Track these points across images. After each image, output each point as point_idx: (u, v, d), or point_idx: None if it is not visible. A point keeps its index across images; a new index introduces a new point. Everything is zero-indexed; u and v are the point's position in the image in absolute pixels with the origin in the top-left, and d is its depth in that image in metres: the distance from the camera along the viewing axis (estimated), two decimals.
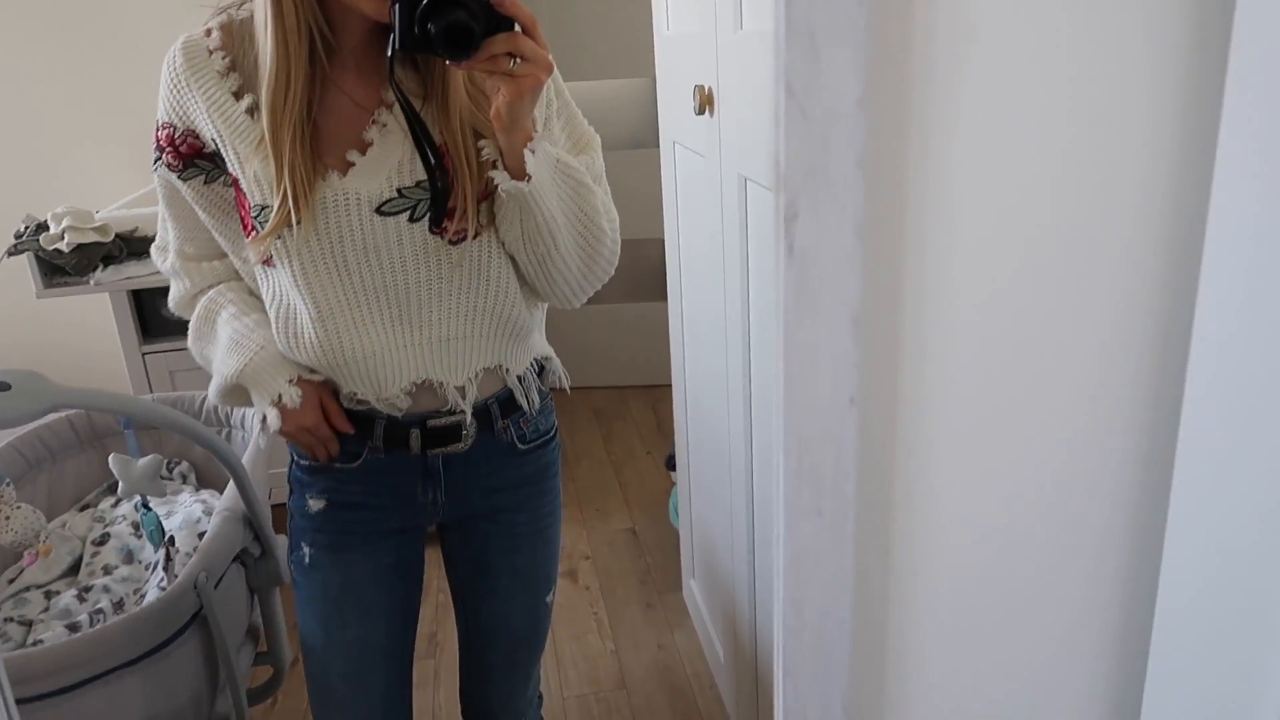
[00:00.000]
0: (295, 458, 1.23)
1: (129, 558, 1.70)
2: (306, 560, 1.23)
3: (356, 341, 1.10)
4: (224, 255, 1.18)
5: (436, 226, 1.06)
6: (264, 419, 1.13)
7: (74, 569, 1.70)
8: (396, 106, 1.04)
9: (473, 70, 0.97)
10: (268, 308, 1.15)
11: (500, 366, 1.17)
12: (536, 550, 1.30)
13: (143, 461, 1.40)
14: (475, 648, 1.37)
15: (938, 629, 0.72)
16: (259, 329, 1.15)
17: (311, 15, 0.99)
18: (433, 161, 1.04)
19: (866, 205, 0.60)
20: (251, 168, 1.04)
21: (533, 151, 1.01)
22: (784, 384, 0.63)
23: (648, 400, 3.72)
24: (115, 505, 1.83)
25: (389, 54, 0.97)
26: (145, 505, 1.44)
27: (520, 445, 1.23)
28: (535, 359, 1.24)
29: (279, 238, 1.05)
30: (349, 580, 1.22)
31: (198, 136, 1.07)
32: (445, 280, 1.09)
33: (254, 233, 1.06)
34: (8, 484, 1.31)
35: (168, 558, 1.50)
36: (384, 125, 1.05)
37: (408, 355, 1.11)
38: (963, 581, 0.72)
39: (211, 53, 1.04)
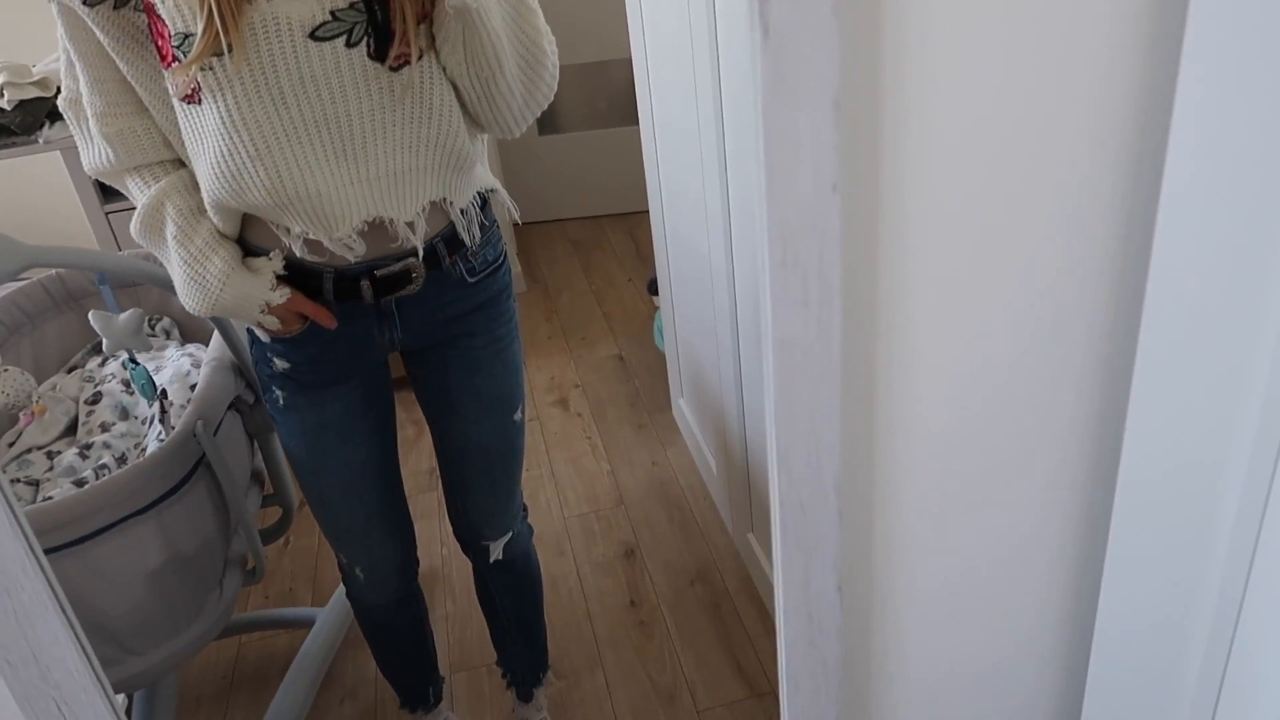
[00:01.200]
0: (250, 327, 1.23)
1: (124, 414, 1.72)
2: (280, 403, 1.26)
3: (300, 179, 1.05)
4: (142, 111, 1.08)
5: (377, 52, 1.00)
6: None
7: (71, 430, 1.72)
8: None
9: None
10: (193, 157, 1.09)
11: (445, 200, 1.15)
12: (495, 371, 1.33)
13: (124, 316, 1.40)
14: (453, 470, 1.41)
15: (925, 415, 0.74)
16: (212, 252, 1.11)
17: None
18: None
19: None
20: None
21: None
22: (764, 173, 0.62)
23: (624, 227, 3.69)
24: (103, 364, 1.83)
25: None
26: (133, 360, 1.44)
27: (469, 278, 1.23)
28: (479, 192, 1.22)
29: (207, 69, 0.98)
30: (323, 416, 1.26)
31: None
32: (388, 110, 1.04)
33: (174, 63, 1.00)
34: None
35: (162, 410, 1.52)
36: None
37: (356, 192, 1.07)
38: (950, 368, 0.73)
39: None
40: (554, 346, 3.00)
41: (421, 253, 1.15)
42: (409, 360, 1.33)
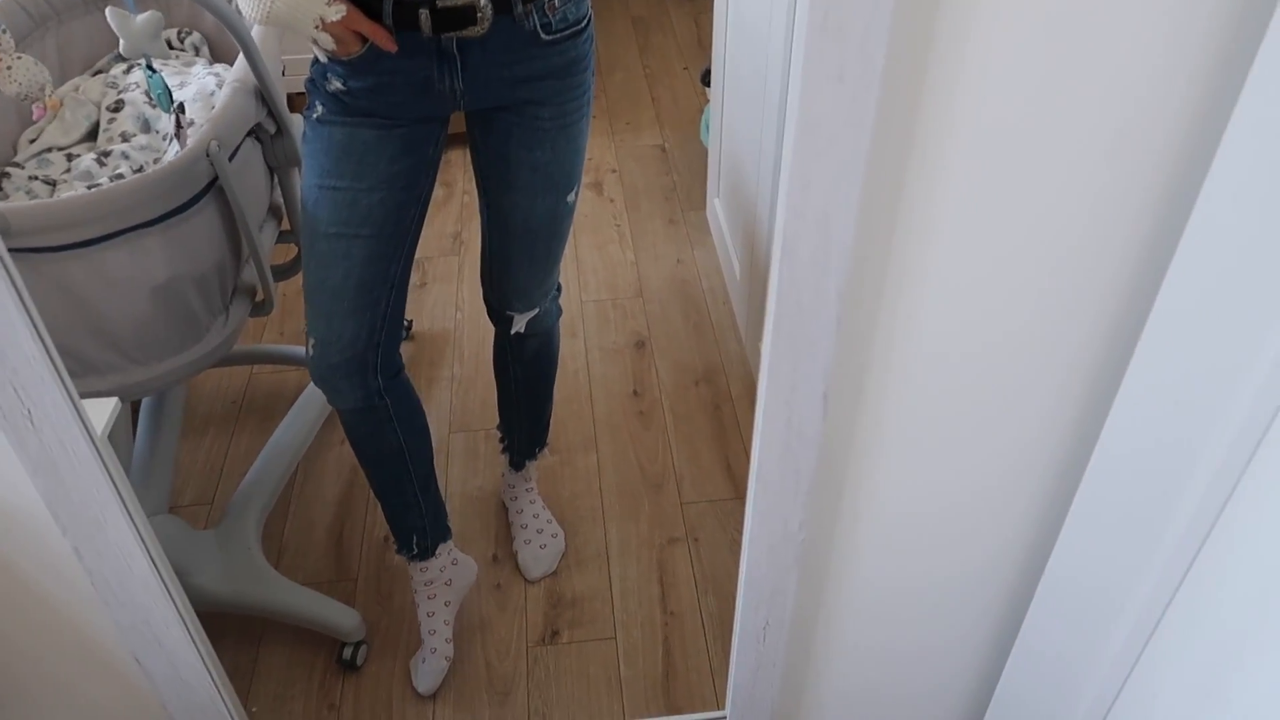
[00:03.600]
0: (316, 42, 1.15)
1: (145, 126, 1.68)
2: (316, 115, 1.21)
3: None
4: None
5: None
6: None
7: (92, 135, 1.69)
8: None
9: None
10: None
11: None
12: (559, 147, 1.26)
13: (142, 17, 1.32)
14: (496, 239, 1.38)
15: (940, 267, 0.69)
16: None
17: None
18: None
19: None
20: None
21: None
22: None
23: (689, 10, 3.47)
24: (128, 72, 1.78)
25: None
26: (150, 68, 1.38)
27: (544, 35, 1.15)
28: None
29: None
30: (353, 139, 1.20)
31: None
32: None
33: None
34: (3, 30, 1.24)
35: (178, 125, 1.47)
36: None
37: None
38: (973, 238, 0.67)
39: None
40: (598, 127, 2.89)
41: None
42: (471, 121, 1.27)
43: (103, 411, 0.95)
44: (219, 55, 1.90)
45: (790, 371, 0.72)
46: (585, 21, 1.20)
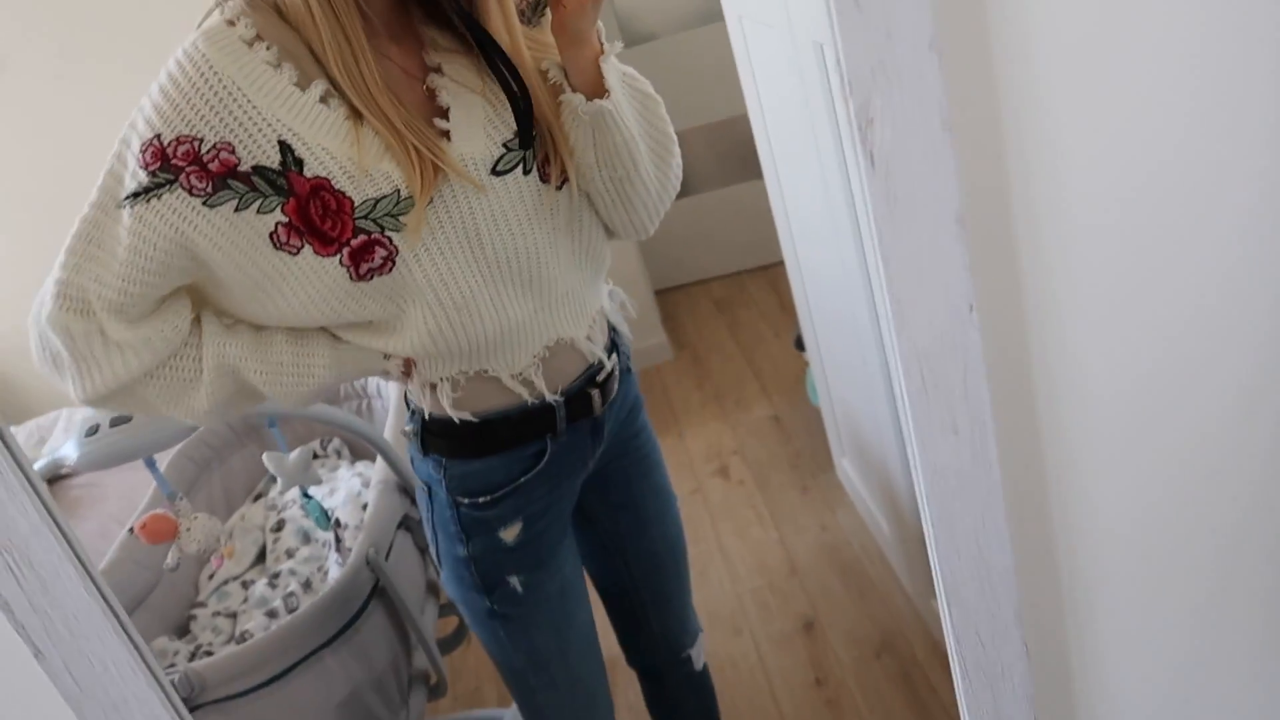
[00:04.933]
0: (460, 501, 1.10)
1: (306, 538, 1.80)
2: (520, 590, 1.15)
3: (494, 321, 0.99)
4: (163, 312, 0.95)
5: (541, 170, 0.99)
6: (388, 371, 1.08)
7: (261, 557, 1.82)
8: (446, 67, 0.97)
9: None
10: (364, 338, 1.01)
11: (601, 308, 1.14)
12: (660, 462, 1.30)
13: (293, 455, 1.47)
14: (645, 589, 1.34)
15: (1108, 522, 0.67)
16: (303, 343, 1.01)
17: None
18: (517, 92, 0.95)
19: (949, 92, 0.53)
20: (348, 159, 0.89)
21: (606, 63, 0.95)
22: (889, 300, 0.58)
23: (765, 281, 3.64)
24: (284, 491, 1.94)
25: None
26: (305, 495, 1.52)
27: (631, 366, 1.22)
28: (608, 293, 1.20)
29: (398, 228, 0.91)
30: (562, 581, 1.19)
31: (233, 151, 0.87)
32: (558, 231, 1.02)
33: (349, 241, 0.91)
34: (181, 498, 1.39)
35: (337, 539, 1.58)
36: (445, 89, 0.97)
37: (539, 320, 1.03)
38: (1129, 469, 0.66)
39: (252, 44, 0.88)
40: (708, 413, 2.97)
41: (607, 358, 1.13)
42: (586, 494, 1.24)
43: None
44: (358, 454, 2.06)
45: (991, 707, 0.68)
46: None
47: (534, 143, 0.98)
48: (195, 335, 0.98)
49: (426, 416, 1.09)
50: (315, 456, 2.05)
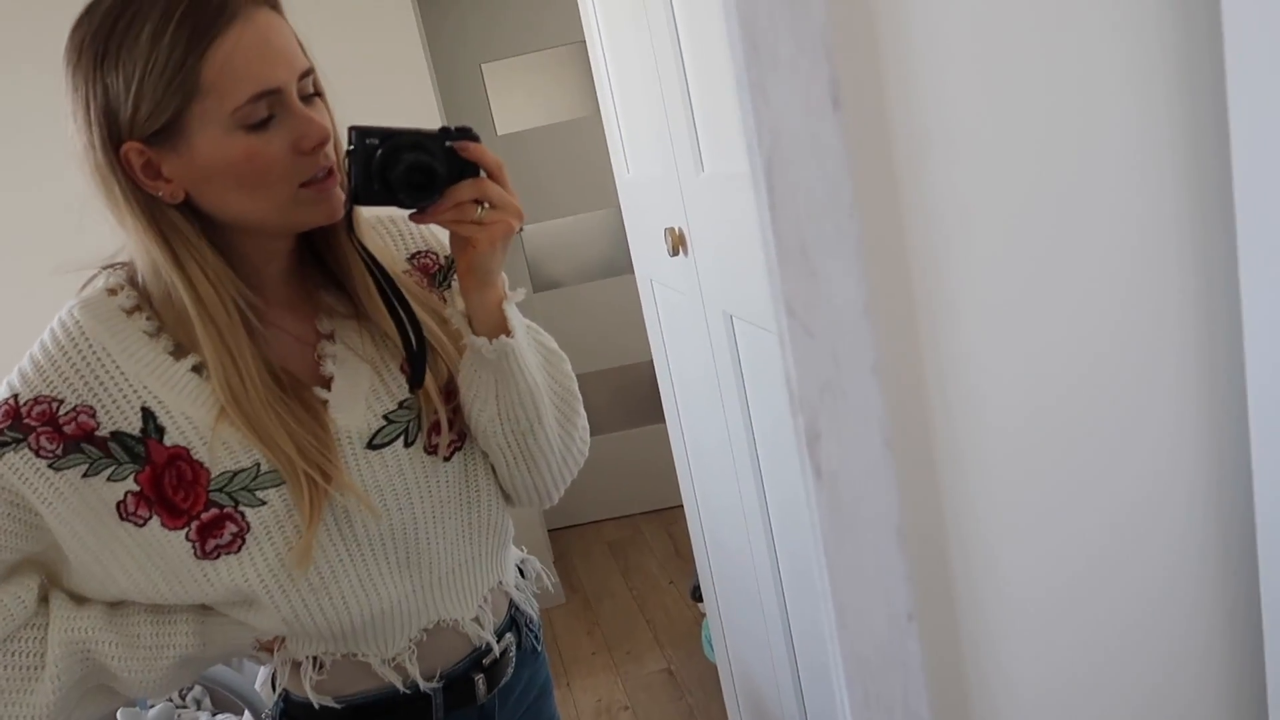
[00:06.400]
0: None
1: None
2: None
3: (364, 603, 0.94)
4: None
5: (430, 445, 0.96)
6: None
7: None
8: (339, 334, 0.95)
9: (437, 221, 0.89)
10: (234, 611, 0.93)
11: (500, 583, 1.07)
12: None
13: (152, 712, 1.33)
14: None
15: None
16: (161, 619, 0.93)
17: (233, 287, 0.87)
18: (414, 345, 0.93)
19: (890, 413, 0.56)
20: (209, 429, 0.87)
21: (509, 307, 0.94)
22: (833, 608, 0.58)
23: (660, 524, 3.64)
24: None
25: (346, 209, 0.90)
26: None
27: (537, 648, 1.14)
28: (517, 565, 1.14)
29: (256, 505, 0.87)
30: None
31: (93, 415, 0.85)
32: (445, 504, 0.98)
33: (199, 514, 0.87)
34: None
35: None
36: (333, 356, 0.95)
37: (416, 601, 0.97)
38: None
39: (131, 313, 0.88)
40: (598, 663, 2.85)
41: (497, 642, 1.05)
42: None
43: None
44: (220, 704, 1.89)
45: None
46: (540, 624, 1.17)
47: (421, 406, 0.96)
48: (41, 616, 0.90)
49: (288, 697, 1.00)
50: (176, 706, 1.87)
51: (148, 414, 0.86)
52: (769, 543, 1.73)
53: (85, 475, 0.85)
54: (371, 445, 0.94)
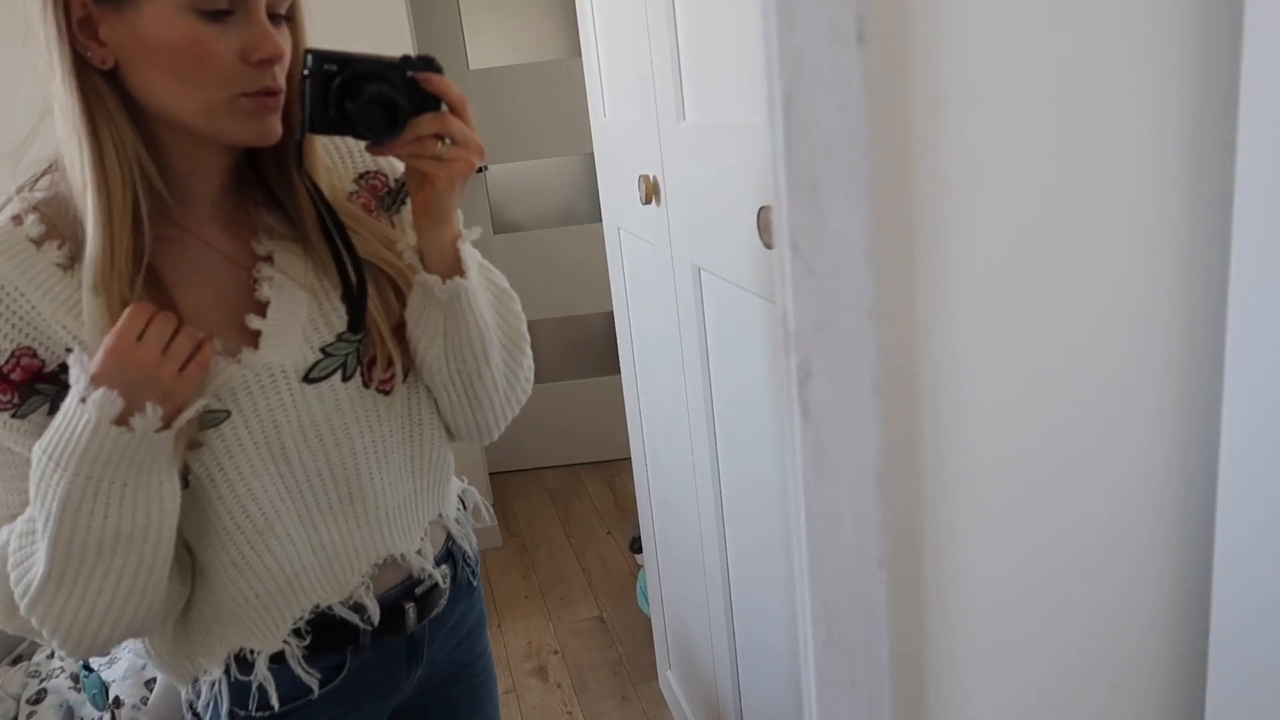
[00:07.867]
0: (236, 713, 0.97)
1: (69, 715, 1.58)
2: None
3: (306, 543, 0.93)
4: None
5: (369, 379, 0.94)
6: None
7: None
8: (278, 257, 0.91)
9: (395, 154, 0.86)
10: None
11: (441, 516, 1.06)
12: (494, 689, 1.20)
13: None
14: None
15: None
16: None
17: (141, 173, 0.81)
18: (354, 281, 0.90)
19: (880, 359, 0.56)
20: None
21: (464, 247, 0.92)
22: (807, 550, 0.58)
23: (602, 476, 3.65)
24: (50, 656, 1.70)
25: (297, 138, 0.86)
26: (86, 667, 1.33)
27: (473, 582, 1.13)
28: (458, 495, 1.13)
29: (194, 446, 0.85)
30: None
31: (34, 355, 0.82)
32: (386, 439, 0.96)
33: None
34: None
35: (113, 717, 1.39)
36: (271, 280, 0.91)
37: (363, 536, 0.96)
38: None
39: (40, 244, 0.83)
40: (531, 607, 2.87)
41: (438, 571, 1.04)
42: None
43: None
44: None
45: None
46: (478, 557, 1.16)
47: (361, 342, 0.93)
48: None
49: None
50: None
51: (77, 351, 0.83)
52: (717, 503, 1.75)
53: (50, 411, 0.83)
54: (308, 379, 0.91)
